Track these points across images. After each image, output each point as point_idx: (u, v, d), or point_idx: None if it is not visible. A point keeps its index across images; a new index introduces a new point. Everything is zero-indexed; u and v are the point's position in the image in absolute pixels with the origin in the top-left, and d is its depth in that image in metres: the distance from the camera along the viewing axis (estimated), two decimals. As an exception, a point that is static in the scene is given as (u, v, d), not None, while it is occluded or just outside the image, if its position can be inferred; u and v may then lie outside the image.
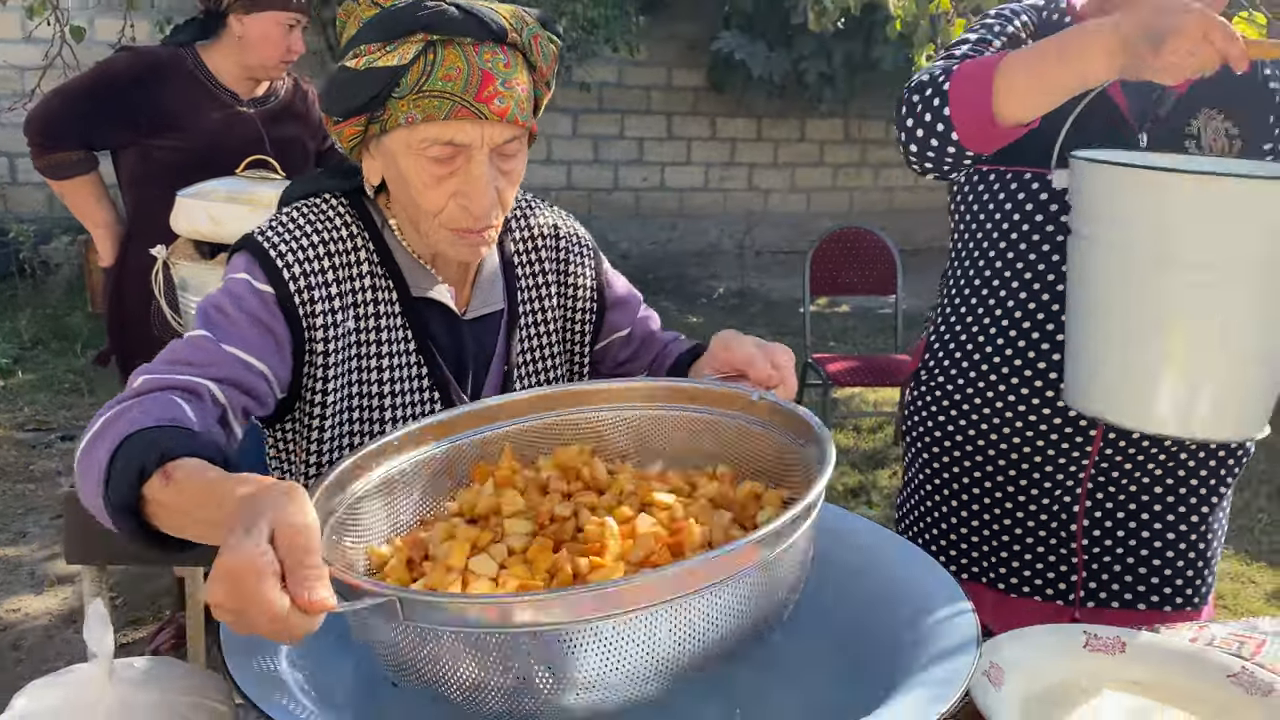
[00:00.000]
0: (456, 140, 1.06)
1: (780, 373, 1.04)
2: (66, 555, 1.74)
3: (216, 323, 1.08)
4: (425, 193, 1.09)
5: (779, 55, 7.95)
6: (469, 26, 1.03)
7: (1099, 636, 1.15)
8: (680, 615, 0.73)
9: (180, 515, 0.85)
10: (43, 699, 0.83)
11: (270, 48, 2.43)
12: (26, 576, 3.20)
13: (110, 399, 1.00)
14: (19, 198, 7.40)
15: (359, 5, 1.10)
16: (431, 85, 1.03)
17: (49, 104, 2.44)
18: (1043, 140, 1.33)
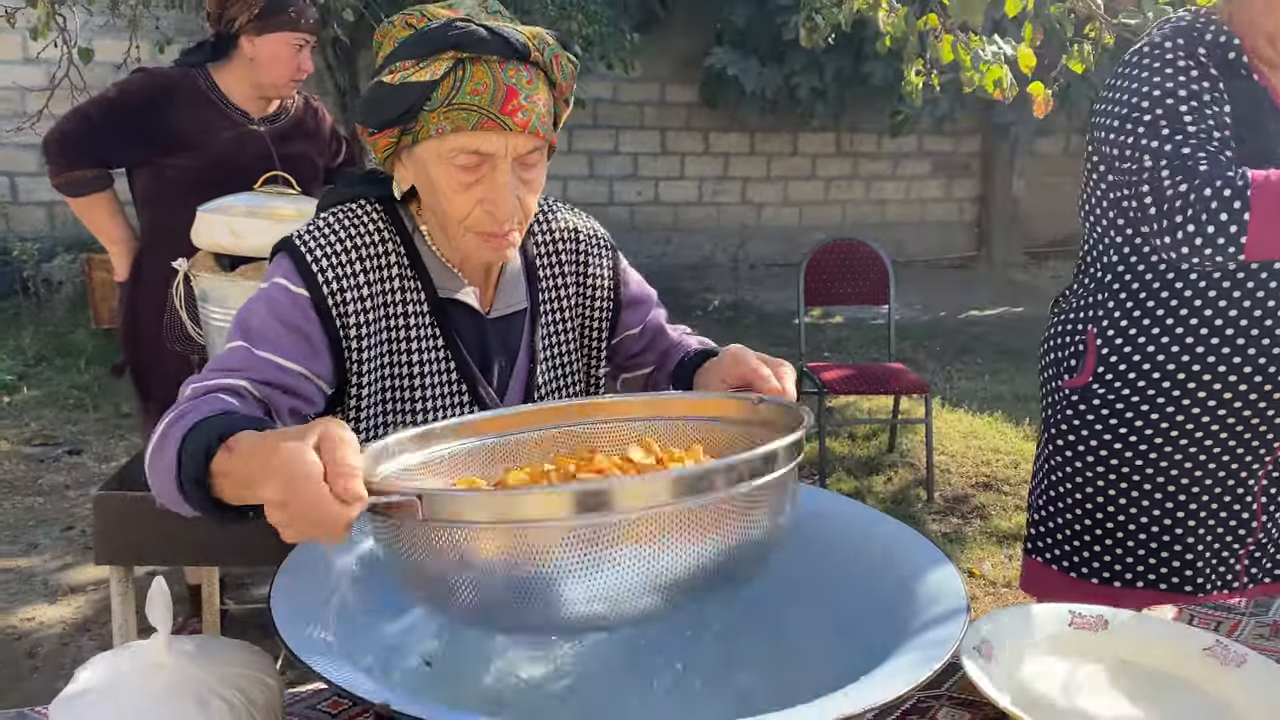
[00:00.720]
0: (482, 149, 1.13)
1: (782, 383, 1.13)
2: (96, 556, 1.82)
3: (250, 331, 1.17)
4: (453, 199, 1.17)
5: (771, 71, 8.06)
6: (495, 46, 1.11)
7: (1083, 615, 1.23)
8: (666, 520, 0.81)
9: (242, 477, 0.93)
10: (107, 670, 0.90)
11: (281, 67, 2.51)
12: (40, 586, 3.26)
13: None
14: (21, 217, 7.46)
15: (394, 26, 1.18)
16: (460, 99, 1.11)
17: (66, 124, 2.52)
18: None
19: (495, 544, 0.82)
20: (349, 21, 5.86)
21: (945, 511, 4.08)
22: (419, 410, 1.27)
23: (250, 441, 0.94)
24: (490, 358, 1.31)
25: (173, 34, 6.05)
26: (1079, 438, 1.67)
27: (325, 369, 1.20)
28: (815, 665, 0.97)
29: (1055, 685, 1.13)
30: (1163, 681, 1.14)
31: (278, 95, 2.59)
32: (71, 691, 0.88)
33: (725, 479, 0.83)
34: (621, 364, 1.45)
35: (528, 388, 1.34)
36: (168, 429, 1.03)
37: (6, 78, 7.27)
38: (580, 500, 0.79)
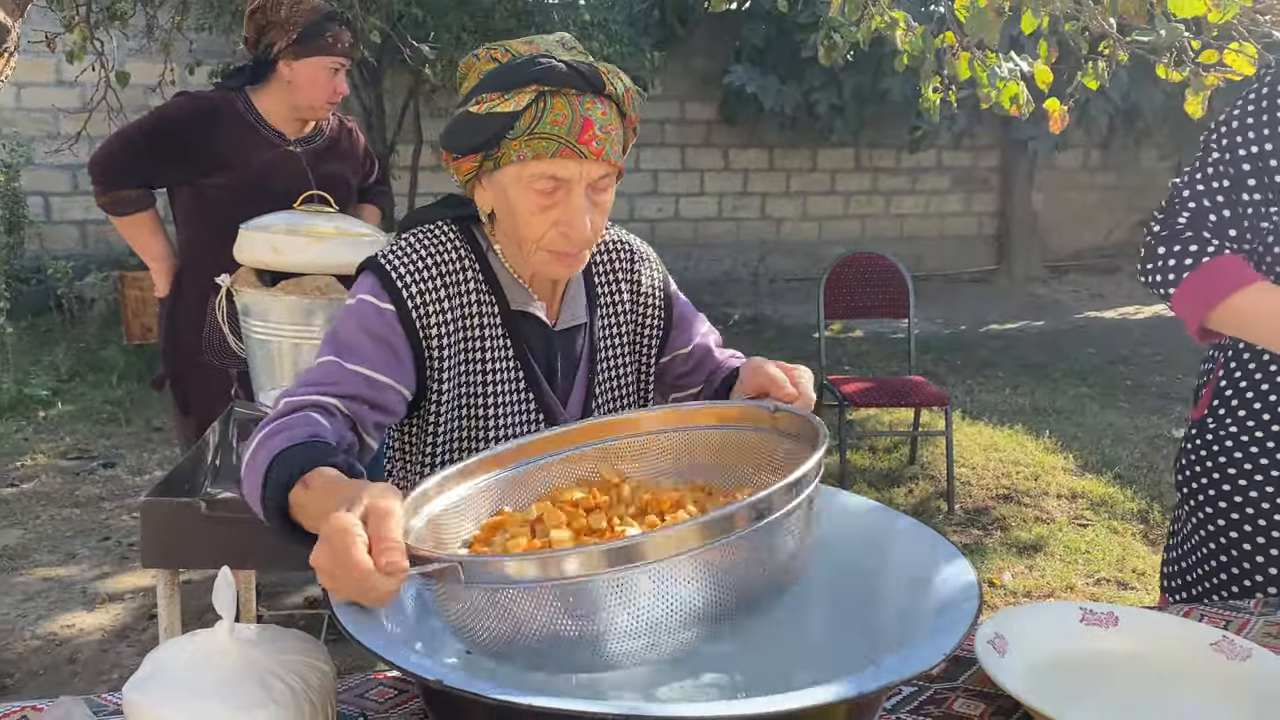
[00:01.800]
0: (559, 175, 1.22)
1: (799, 388, 1.19)
2: (143, 560, 1.89)
3: (340, 345, 1.27)
4: (530, 220, 1.25)
5: (790, 88, 8.13)
6: (574, 80, 1.21)
7: (1094, 612, 1.27)
8: (697, 564, 0.86)
9: (313, 513, 1.03)
10: (176, 654, 0.96)
11: (318, 90, 2.59)
12: (79, 595, 3.35)
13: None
14: (55, 236, 7.62)
15: (479, 60, 1.27)
16: (542, 129, 1.20)
17: (110, 146, 2.61)
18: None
19: (533, 601, 0.87)
20: (376, 43, 5.97)
21: (966, 523, 4.11)
22: (490, 416, 1.35)
23: (321, 485, 1.04)
24: (555, 367, 1.40)
25: (203, 56, 6.18)
26: (1191, 474, 1.63)
27: (409, 380, 1.29)
28: (831, 652, 1.03)
29: (1067, 678, 1.17)
30: (1171, 675, 1.19)
31: (314, 117, 2.67)
32: (143, 675, 0.95)
33: (748, 516, 0.88)
34: (671, 383, 1.52)
35: (587, 396, 1.43)
36: (259, 448, 1.13)
37: (42, 100, 7.43)
38: (613, 555, 0.84)
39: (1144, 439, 5.12)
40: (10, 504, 4.12)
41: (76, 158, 7.19)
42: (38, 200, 7.54)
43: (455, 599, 0.92)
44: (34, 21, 2.40)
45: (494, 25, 6.93)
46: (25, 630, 3.12)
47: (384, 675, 1.16)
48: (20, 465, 4.59)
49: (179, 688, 0.93)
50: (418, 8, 6.62)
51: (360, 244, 2.05)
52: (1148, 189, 10.47)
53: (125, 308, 5.89)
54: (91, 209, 7.65)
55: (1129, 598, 3.43)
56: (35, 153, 7.40)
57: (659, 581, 0.85)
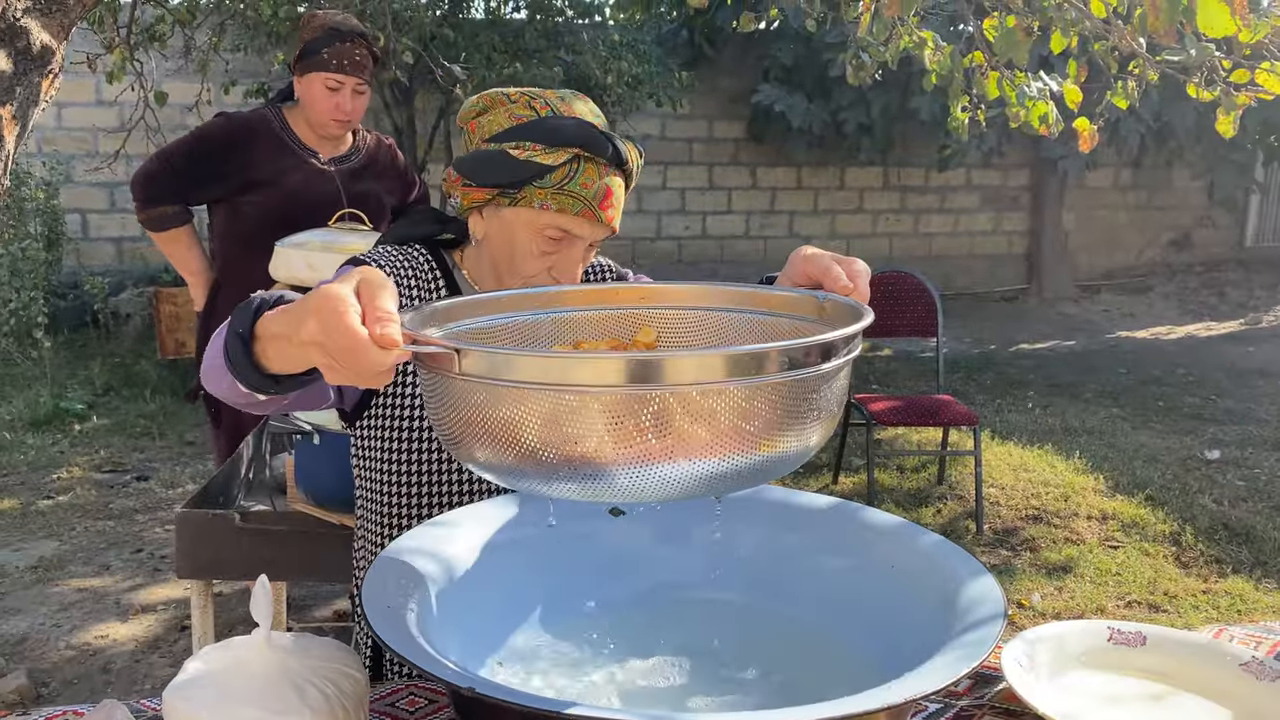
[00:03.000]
0: (573, 231, 1.32)
1: (855, 282, 1.10)
2: (177, 571, 1.93)
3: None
4: (528, 260, 1.34)
5: (818, 106, 8.15)
6: (610, 155, 1.31)
7: (1122, 631, 1.27)
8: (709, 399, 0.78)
9: (286, 327, 0.93)
10: (214, 660, 0.98)
11: (318, 107, 2.62)
12: (112, 605, 3.39)
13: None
14: (92, 252, 7.76)
15: (513, 103, 1.33)
16: (572, 187, 1.30)
17: (150, 165, 2.67)
18: None
19: (531, 407, 0.80)
20: (408, 64, 6.05)
21: (995, 544, 4.08)
22: None
23: (292, 304, 0.95)
24: None
25: (238, 76, 6.29)
26: None
27: None
28: (855, 666, 1.03)
29: (1094, 697, 1.17)
30: (1200, 697, 1.18)
31: (326, 134, 2.69)
32: (182, 679, 0.97)
33: (777, 362, 0.81)
34: None
35: None
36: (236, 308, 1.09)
37: (82, 119, 7.58)
38: (627, 370, 0.77)
39: (1176, 460, 5.07)
40: (46, 516, 4.19)
41: (114, 176, 7.36)
42: (75, 217, 7.68)
43: (448, 394, 0.85)
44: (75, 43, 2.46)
45: (524, 45, 7.00)
46: (60, 640, 3.16)
47: (415, 684, 1.18)
48: (56, 478, 4.66)
49: (217, 693, 0.95)
50: (449, 29, 6.72)
51: (393, 261, 2.08)
52: (1179, 208, 10.39)
53: (160, 323, 5.98)
54: (128, 226, 7.79)
55: (1160, 620, 3.39)
56: (74, 171, 7.54)
57: (662, 410, 0.78)
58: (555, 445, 0.81)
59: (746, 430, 0.82)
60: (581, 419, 0.80)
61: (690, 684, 1.06)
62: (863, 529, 1.18)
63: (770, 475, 0.89)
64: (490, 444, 0.84)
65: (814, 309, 1.06)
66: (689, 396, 0.79)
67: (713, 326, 1.12)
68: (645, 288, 1.15)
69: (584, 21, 7.64)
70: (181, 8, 4.74)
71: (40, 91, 2.17)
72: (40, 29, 2.09)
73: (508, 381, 0.81)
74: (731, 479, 0.85)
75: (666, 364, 0.79)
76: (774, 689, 1.05)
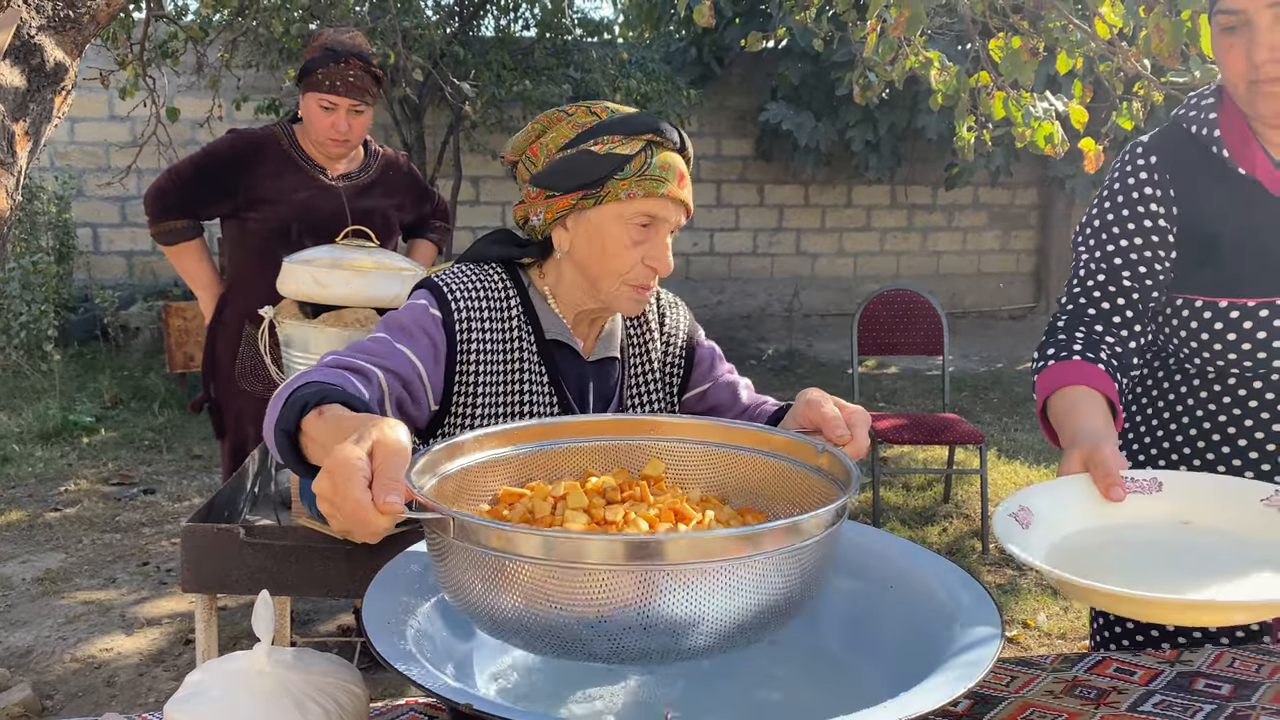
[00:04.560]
0: (658, 214, 1.38)
1: (852, 431, 1.18)
2: (182, 584, 1.93)
3: (394, 327, 1.37)
4: (622, 254, 1.39)
5: (825, 125, 8.18)
6: (674, 138, 1.40)
7: (1135, 480, 1.22)
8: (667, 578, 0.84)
9: (321, 441, 1.06)
10: (215, 674, 0.99)
11: (315, 126, 2.62)
12: (117, 619, 3.40)
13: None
14: (103, 266, 7.81)
15: (571, 114, 1.40)
16: (652, 171, 1.37)
17: (163, 180, 2.69)
18: (1221, 268, 1.39)
19: (513, 573, 0.87)
20: (418, 81, 6.09)
21: (1000, 563, 4.07)
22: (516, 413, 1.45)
23: (334, 417, 1.07)
24: (587, 396, 1.49)
25: (249, 92, 6.34)
26: None
27: (438, 382, 1.38)
28: (853, 685, 1.04)
29: (1099, 547, 1.13)
30: (1223, 536, 1.13)
31: (326, 154, 2.69)
32: (183, 694, 0.98)
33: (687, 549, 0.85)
34: None
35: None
36: (293, 382, 1.19)
37: (94, 134, 7.65)
38: (595, 548, 0.84)
39: (1183, 480, 5.05)
40: (53, 528, 4.21)
41: (126, 190, 7.43)
42: (87, 231, 7.74)
43: (448, 554, 0.93)
44: (88, 59, 2.49)
45: (534, 63, 7.05)
46: (65, 653, 3.17)
47: (415, 701, 1.18)
48: (64, 490, 4.68)
49: (217, 707, 0.95)
50: (459, 46, 6.77)
51: (401, 278, 2.09)
52: (1188, 228, 10.37)
53: (169, 337, 6.01)
54: (138, 240, 7.85)
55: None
56: (86, 185, 7.61)
57: (634, 586, 0.84)
58: (537, 610, 0.88)
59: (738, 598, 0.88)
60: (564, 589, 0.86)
61: (686, 702, 1.06)
62: (863, 549, 1.18)
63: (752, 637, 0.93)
64: (484, 602, 0.91)
65: (811, 456, 1.13)
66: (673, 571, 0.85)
67: (717, 464, 1.20)
68: (652, 420, 1.23)
69: (593, 39, 7.70)
70: (194, 24, 4.79)
71: (54, 107, 2.19)
72: (54, 46, 2.11)
73: (492, 550, 0.87)
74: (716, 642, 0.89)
75: (652, 545, 0.85)
76: (771, 708, 1.05)
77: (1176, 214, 1.45)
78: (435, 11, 7.05)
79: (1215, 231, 1.42)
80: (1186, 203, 1.45)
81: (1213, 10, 1.34)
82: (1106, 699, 1.18)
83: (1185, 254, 1.45)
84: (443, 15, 6.98)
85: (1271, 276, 1.37)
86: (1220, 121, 1.44)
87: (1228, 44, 1.33)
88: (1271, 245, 1.38)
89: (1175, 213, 1.46)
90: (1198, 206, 1.44)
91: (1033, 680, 1.22)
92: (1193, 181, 1.45)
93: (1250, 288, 1.36)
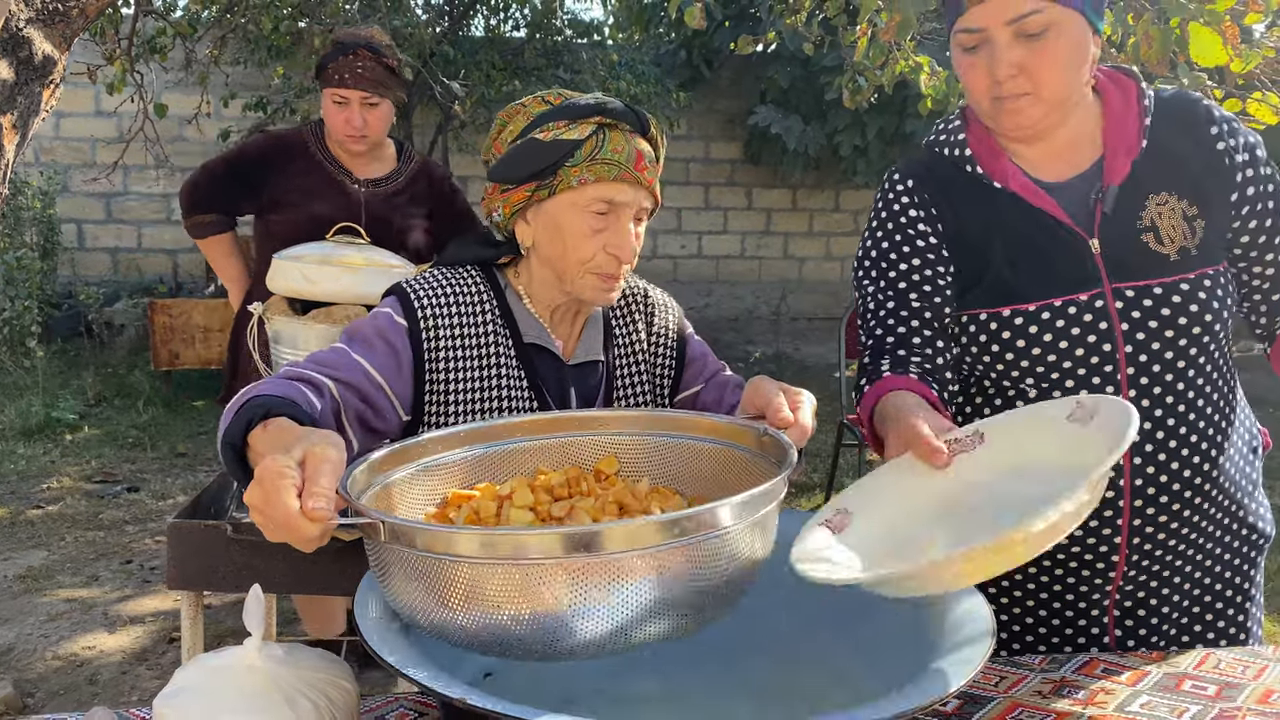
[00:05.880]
0: (615, 199, 1.33)
1: (795, 413, 1.17)
2: (168, 581, 1.92)
3: (354, 338, 1.34)
4: (581, 244, 1.34)
5: (814, 129, 8.20)
6: (629, 118, 1.35)
7: (959, 440, 1.20)
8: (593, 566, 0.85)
9: (259, 453, 1.06)
10: (205, 670, 0.98)
11: (332, 124, 2.62)
12: (100, 617, 3.38)
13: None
14: (87, 262, 7.76)
15: (527, 106, 1.37)
16: (604, 155, 1.32)
17: (197, 175, 2.75)
18: (998, 278, 1.40)
19: (445, 574, 0.88)
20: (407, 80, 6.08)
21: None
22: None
23: (277, 429, 1.07)
24: (569, 400, 1.44)
25: (238, 89, 6.31)
26: None
27: (405, 391, 1.34)
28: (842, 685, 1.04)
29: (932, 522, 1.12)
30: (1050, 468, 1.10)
31: (347, 152, 2.69)
32: (173, 688, 0.97)
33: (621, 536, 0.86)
34: None
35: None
36: (242, 394, 1.16)
37: (80, 130, 7.61)
38: (500, 542, 0.86)
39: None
40: (36, 525, 4.18)
41: (112, 186, 7.39)
42: (71, 227, 7.68)
43: (382, 559, 0.94)
44: (75, 53, 2.47)
45: (524, 64, 7.05)
46: (47, 651, 3.15)
47: (405, 695, 1.18)
48: (46, 487, 4.64)
49: (207, 702, 0.95)
50: (449, 46, 6.76)
51: (391, 275, 2.09)
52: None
53: (154, 334, 5.98)
54: (123, 237, 7.80)
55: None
56: (71, 180, 7.56)
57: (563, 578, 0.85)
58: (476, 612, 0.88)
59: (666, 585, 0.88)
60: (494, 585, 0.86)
61: (675, 699, 1.06)
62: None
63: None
64: (423, 604, 0.91)
65: (754, 441, 1.14)
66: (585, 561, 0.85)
67: (669, 454, 1.20)
68: (601, 415, 1.24)
69: (583, 41, 7.70)
70: (183, 20, 4.76)
71: (41, 101, 2.18)
72: (43, 39, 2.10)
73: (421, 550, 0.88)
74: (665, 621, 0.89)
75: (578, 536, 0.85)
76: (758, 708, 1.05)
77: (943, 231, 1.47)
78: (425, 10, 7.04)
79: (982, 245, 1.44)
80: (950, 221, 1.46)
81: (952, 30, 1.36)
82: (1094, 699, 1.19)
83: (960, 270, 1.46)
84: (432, 14, 6.97)
85: (1044, 279, 1.39)
86: (970, 141, 1.47)
87: (970, 63, 1.35)
88: (1039, 249, 1.40)
89: (942, 230, 1.47)
90: (961, 224, 1.46)
91: (1021, 680, 1.23)
92: (951, 200, 1.47)
93: (1027, 292, 1.38)
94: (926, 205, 1.48)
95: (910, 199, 1.49)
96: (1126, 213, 1.39)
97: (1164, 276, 1.37)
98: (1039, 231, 1.41)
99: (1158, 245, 1.37)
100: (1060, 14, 1.29)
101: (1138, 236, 1.38)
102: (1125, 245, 1.38)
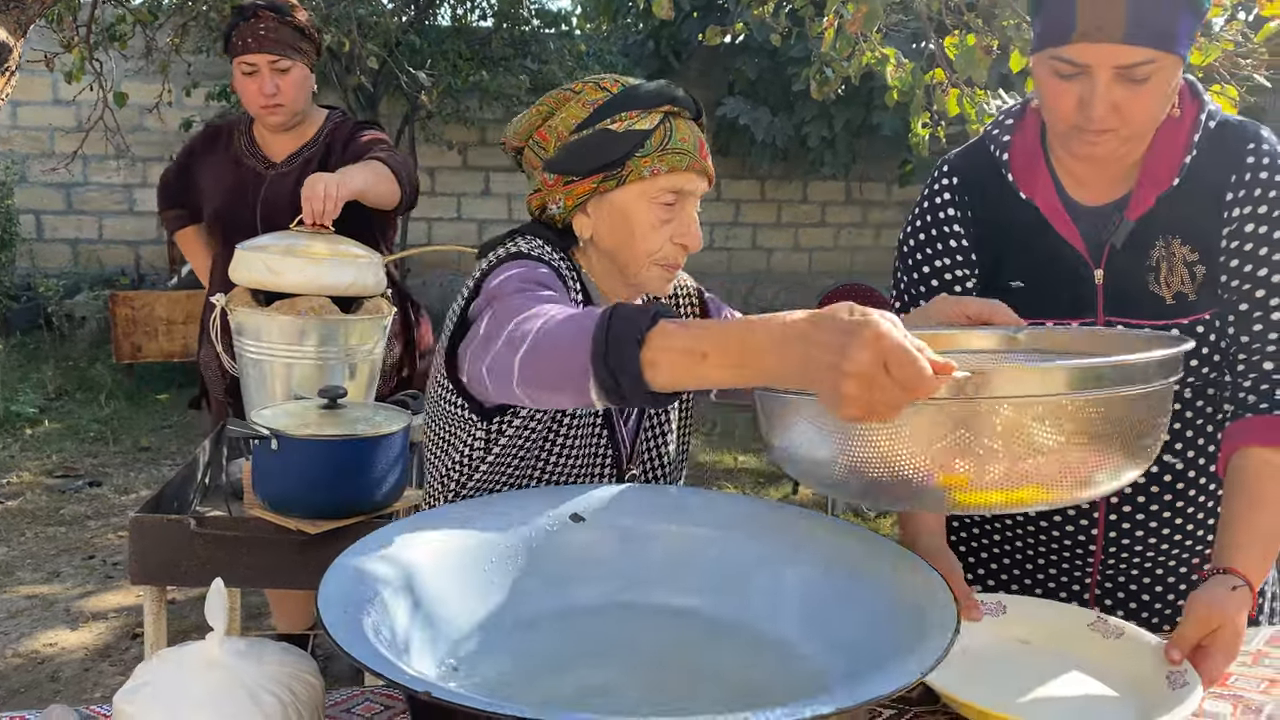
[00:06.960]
0: (684, 189, 1.33)
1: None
2: (131, 576, 1.90)
3: (523, 290, 1.19)
4: (649, 234, 1.33)
5: (782, 120, 8.22)
6: (690, 105, 1.35)
7: (985, 603, 1.31)
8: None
9: (697, 353, 0.93)
10: (167, 665, 0.97)
11: (245, 98, 2.48)
12: (61, 613, 3.33)
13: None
14: (47, 254, 7.62)
15: (581, 92, 1.33)
16: (674, 145, 1.31)
17: (166, 169, 2.76)
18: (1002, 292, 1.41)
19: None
20: (373, 69, 6.03)
21: (951, 554, 4.13)
22: (563, 415, 1.36)
23: (710, 324, 0.95)
24: None
25: (200, 78, 6.22)
26: None
27: None
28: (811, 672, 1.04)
29: (971, 663, 1.20)
30: (1056, 655, 1.25)
31: (265, 125, 2.53)
32: (133, 684, 0.96)
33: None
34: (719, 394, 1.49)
35: (640, 412, 1.45)
36: (559, 320, 1.04)
37: (38, 119, 7.47)
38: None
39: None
40: (-5, 521, 4.11)
41: (71, 176, 7.26)
42: (30, 218, 7.54)
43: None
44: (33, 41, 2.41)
45: (491, 54, 7.00)
46: (7, 648, 3.10)
47: (371, 689, 1.17)
48: (6, 483, 4.57)
49: (169, 698, 0.94)
50: (415, 35, 6.70)
51: (357, 264, 2.06)
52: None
53: (116, 327, 5.89)
54: (84, 228, 7.68)
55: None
56: (30, 170, 7.42)
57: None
58: None
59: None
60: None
61: (646, 691, 1.06)
62: (822, 538, 1.19)
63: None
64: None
65: (1008, 342, 1.30)
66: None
67: None
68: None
69: (550, 31, 7.65)
70: (143, 8, 4.69)
71: (-4, 89, 2.13)
72: (-3, 26, 2.06)
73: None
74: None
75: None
76: (730, 696, 1.05)
77: (974, 234, 1.48)
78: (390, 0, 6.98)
79: (995, 253, 1.46)
80: (980, 225, 1.47)
81: (1044, 52, 1.29)
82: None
83: (980, 276, 1.48)
84: (398, 3, 6.90)
85: (1042, 300, 1.41)
86: (1014, 143, 1.45)
87: (1062, 89, 1.29)
88: (1045, 269, 1.42)
89: (973, 233, 1.48)
90: (988, 229, 1.47)
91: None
92: (985, 203, 1.47)
93: (1023, 310, 1.35)
94: (963, 206, 1.48)
95: (950, 196, 1.49)
96: (1135, 250, 1.38)
97: (1157, 319, 1.38)
98: (1049, 252, 1.41)
99: (1156, 286, 1.38)
100: (1167, 61, 1.25)
101: (1141, 275, 1.38)
102: (1128, 280, 1.39)
